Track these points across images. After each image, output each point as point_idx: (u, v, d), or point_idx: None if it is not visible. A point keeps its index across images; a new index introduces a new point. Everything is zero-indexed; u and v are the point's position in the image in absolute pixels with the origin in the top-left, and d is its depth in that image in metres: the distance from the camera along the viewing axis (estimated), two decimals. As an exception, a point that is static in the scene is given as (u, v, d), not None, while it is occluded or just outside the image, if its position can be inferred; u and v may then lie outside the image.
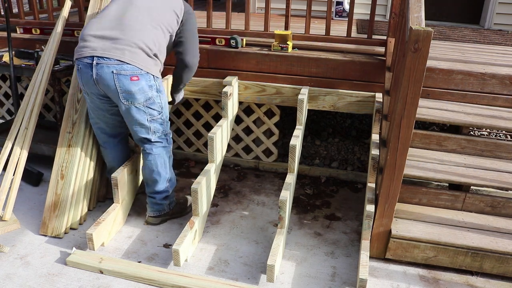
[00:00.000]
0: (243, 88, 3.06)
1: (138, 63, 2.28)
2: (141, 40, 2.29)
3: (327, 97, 2.96)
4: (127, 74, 2.27)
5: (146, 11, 2.36)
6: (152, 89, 2.37)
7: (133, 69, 2.27)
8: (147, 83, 2.34)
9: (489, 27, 4.86)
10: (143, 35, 2.30)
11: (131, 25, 2.30)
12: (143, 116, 2.41)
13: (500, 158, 2.64)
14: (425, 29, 1.89)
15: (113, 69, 2.25)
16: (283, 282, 2.28)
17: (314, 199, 3.09)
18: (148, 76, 2.33)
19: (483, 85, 2.74)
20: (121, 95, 2.31)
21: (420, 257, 2.36)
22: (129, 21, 2.31)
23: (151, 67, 2.34)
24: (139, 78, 2.30)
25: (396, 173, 2.18)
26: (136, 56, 2.27)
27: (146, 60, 2.31)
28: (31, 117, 2.80)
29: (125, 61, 2.25)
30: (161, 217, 2.70)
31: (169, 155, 2.62)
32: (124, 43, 2.26)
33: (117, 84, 2.28)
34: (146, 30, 2.32)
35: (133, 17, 2.33)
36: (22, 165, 2.72)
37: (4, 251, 2.42)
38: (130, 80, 2.28)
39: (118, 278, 2.26)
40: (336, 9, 4.79)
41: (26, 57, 3.16)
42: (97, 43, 2.27)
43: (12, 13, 3.81)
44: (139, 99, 2.34)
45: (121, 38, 2.27)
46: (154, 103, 2.42)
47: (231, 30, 3.15)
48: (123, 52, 2.25)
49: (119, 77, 2.26)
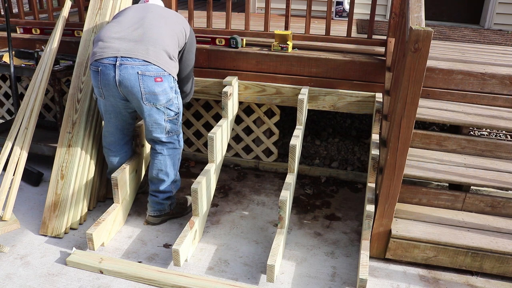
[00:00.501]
0: (243, 88, 3.06)
1: (162, 64, 2.30)
2: (163, 41, 2.32)
3: (327, 97, 2.96)
4: (152, 75, 2.28)
5: (163, 19, 2.41)
6: (172, 90, 2.41)
7: (157, 70, 2.28)
8: (169, 84, 2.37)
9: (489, 27, 4.86)
10: (163, 38, 2.34)
11: (152, 28, 2.34)
12: (162, 116, 2.43)
13: (500, 158, 2.64)
14: (425, 29, 1.89)
15: (138, 70, 2.25)
16: (283, 282, 2.28)
17: (314, 199, 3.09)
18: (170, 77, 2.37)
19: (483, 85, 2.74)
20: (144, 96, 2.31)
21: (420, 257, 2.36)
22: (149, 24, 2.35)
23: (172, 69, 2.38)
24: (162, 79, 2.31)
25: (396, 173, 2.18)
26: (160, 57, 2.30)
27: (168, 61, 2.34)
28: (31, 117, 2.80)
29: (150, 61, 2.26)
30: (162, 217, 2.70)
31: (179, 158, 2.64)
32: (147, 43, 2.28)
33: (142, 85, 2.28)
34: (165, 33, 2.35)
35: (153, 22, 2.37)
36: (22, 165, 2.72)
37: (4, 251, 2.42)
38: (154, 81, 2.29)
39: (118, 278, 2.26)
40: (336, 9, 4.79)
41: (26, 57, 3.17)
42: (119, 44, 2.27)
43: (12, 13, 3.81)
44: (162, 100, 2.36)
45: (144, 39, 2.29)
46: (173, 104, 2.45)
47: (231, 30, 3.15)
48: (147, 52, 2.26)
49: (144, 78, 2.26)
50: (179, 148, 2.62)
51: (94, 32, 2.80)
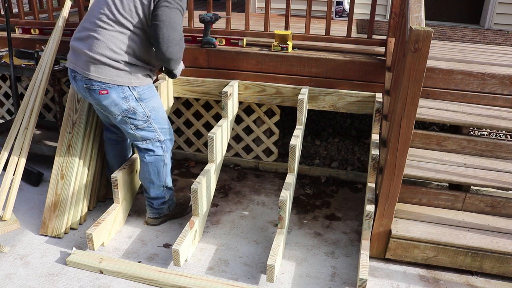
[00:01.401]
0: (243, 88, 3.06)
1: (103, 78, 2.20)
2: (102, 54, 2.17)
3: (327, 97, 2.96)
4: (96, 88, 2.22)
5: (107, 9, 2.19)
6: (128, 100, 2.27)
7: (99, 84, 2.21)
8: (119, 95, 2.24)
9: (489, 27, 4.86)
10: (104, 47, 2.17)
11: (94, 36, 2.19)
12: (126, 125, 2.37)
13: (500, 158, 2.64)
14: (425, 29, 1.89)
15: (83, 84, 2.24)
16: (283, 282, 2.28)
17: (314, 199, 3.09)
18: (119, 88, 2.23)
19: (483, 85, 2.74)
20: (97, 106, 2.32)
21: (420, 257, 2.36)
22: (94, 31, 2.19)
23: (122, 78, 2.23)
24: (108, 91, 2.22)
25: (396, 173, 2.18)
26: (100, 71, 2.19)
27: (114, 72, 2.21)
28: (31, 117, 2.80)
29: (91, 77, 2.20)
30: (161, 218, 2.71)
31: (164, 164, 2.54)
32: (87, 58, 2.19)
33: (90, 97, 2.28)
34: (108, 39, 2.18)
35: (97, 25, 2.19)
36: (22, 165, 2.72)
37: (4, 251, 2.42)
38: (99, 94, 2.23)
39: (118, 278, 2.26)
40: (336, 9, 4.79)
41: (26, 57, 3.16)
42: (72, 54, 2.28)
43: (12, 13, 3.80)
44: (114, 111, 2.29)
45: (83, 53, 2.20)
46: (135, 113, 2.33)
47: (231, 30, 3.16)
48: (88, 68, 2.19)
49: (90, 92, 2.24)
50: (163, 155, 2.52)
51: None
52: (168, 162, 2.58)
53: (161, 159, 2.52)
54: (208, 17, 2.97)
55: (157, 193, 2.61)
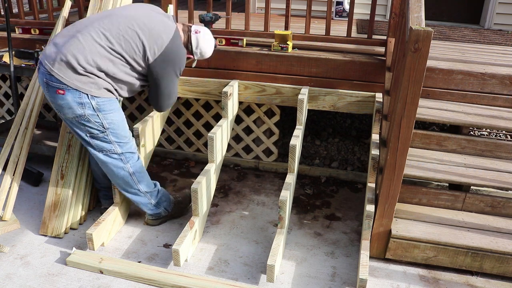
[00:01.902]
0: (243, 88, 3.06)
1: (63, 78, 2.15)
2: (73, 55, 2.14)
3: (327, 97, 2.96)
4: (54, 86, 2.18)
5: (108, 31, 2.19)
6: (84, 107, 2.21)
7: (58, 82, 2.16)
8: (75, 99, 2.18)
9: (489, 27, 4.86)
10: (79, 51, 2.15)
11: (77, 37, 2.17)
12: (80, 130, 2.30)
13: (500, 158, 2.64)
14: (425, 29, 1.89)
15: (44, 78, 2.20)
16: (283, 282, 2.28)
17: (314, 199, 3.09)
18: (76, 93, 2.17)
19: (483, 85, 2.74)
20: (52, 104, 2.26)
21: (420, 257, 2.36)
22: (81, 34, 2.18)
23: (83, 85, 2.18)
24: (65, 92, 2.17)
25: (396, 173, 2.18)
26: (62, 70, 2.15)
27: (75, 76, 2.16)
28: (31, 117, 2.80)
29: (52, 74, 2.16)
30: (160, 219, 2.70)
31: (130, 173, 2.44)
32: (57, 54, 2.17)
33: (47, 93, 2.24)
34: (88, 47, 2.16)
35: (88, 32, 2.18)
36: (22, 165, 2.72)
37: (4, 251, 2.42)
38: (56, 92, 2.18)
39: (118, 278, 2.26)
40: (336, 9, 4.79)
41: (26, 57, 3.17)
42: (49, 48, 2.23)
43: (12, 13, 3.81)
44: (67, 113, 2.23)
45: (59, 48, 2.18)
46: (90, 121, 2.25)
47: (231, 30, 3.16)
48: (53, 63, 2.16)
49: (48, 87, 2.20)
50: (123, 167, 2.41)
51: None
52: (135, 170, 2.46)
53: (124, 170, 2.42)
54: (208, 17, 2.97)
55: (140, 201, 2.56)
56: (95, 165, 2.63)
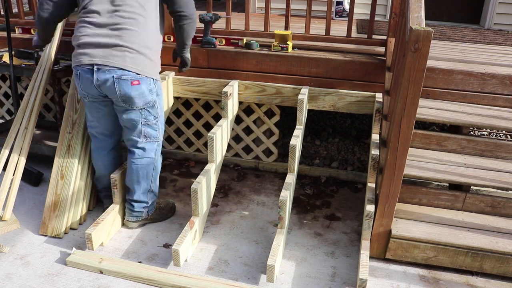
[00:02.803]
0: (243, 88, 3.06)
1: (139, 69, 2.27)
2: (141, 44, 2.26)
3: (327, 97, 2.96)
4: (128, 79, 2.26)
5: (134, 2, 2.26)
6: (152, 93, 2.37)
7: (134, 74, 2.26)
8: (147, 87, 2.33)
9: (489, 27, 4.86)
10: (141, 38, 2.26)
11: (126, 26, 2.24)
12: (138, 118, 2.40)
13: (500, 158, 2.64)
14: (425, 29, 1.89)
15: (114, 74, 2.24)
16: (283, 282, 2.28)
17: (314, 199, 3.09)
18: (148, 80, 2.33)
19: (483, 85, 2.74)
20: (120, 98, 2.30)
21: (420, 257, 2.36)
22: (123, 21, 2.24)
23: (151, 70, 2.33)
24: (140, 82, 2.29)
25: (396, 173, 2.18)
26: (137, 61, 2.26)
27: (147, 64, 2.30)
28: (31, 117, 2.80)
29: (126, 68, 2.23)
30: (139, 222, 2.66)
31: (153, 167, 2.55)
32: (123, 49, 2.23)
33: (117, 88, 2.27)
34: (143, 29, 2.27)
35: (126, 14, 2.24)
36: (22, 165, 2.72)
37: (4, 251, 2.42)
38: (131, 84, 2.27)
39: (118, 278, 2.26)
40: (336, 9, 4.79)
41: (26, 57, 3.16)
42: (95, 50, 2.24)
43: (12, 13, 3.80)
44: (138, 103, 2.34)
45: (119, 44, 2.23)
46: (153, 107, 2.42)
47: (231, 30, 3.15)
48: (124, 59, 2.23)
49: (120, 82, 2.25)
50: (154, 158, 2.53)
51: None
52: (157, 166, 2.58)
53: (152, 162, 2.53)
54: (208, 17, 2.97)
55: (141, 197, 2.57)
56: (99, 165, 2.64)
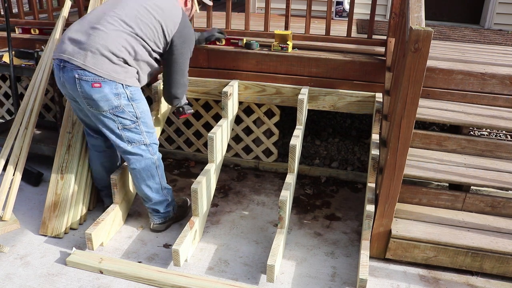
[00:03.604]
0: (243, 88, 3.06)
1: (99, 71, 2.16)
2: (104, 46, 2.16)
3: (327, 97, 2.96)
4: (89, 80, 2.16)
5: (125, 17, 2.23)
6: (120, 98, 2.23)
7: (94, 75, 2.16)
8: (112, 91, 2.20)
9: (489, 27, 4.86)
10: (108, 40, 2.17)
11: (99, 29, 2.18)
12: (112, 123, 2.30)
13: (500, 158, 2.64)
14: (425, 29, 1.89)
15: (75, 74, 2.16)
16: (283, 282, 2.28)
17: (314, 199, 3.09)
18: (113, 83, 2.19)
19: (483, 85, 2.74)
20: (84, 100, 2.22)
21: (420, 257, 2.36)
22: (101, 25, 2.19)
23: (118, 75, 2.21)
24: (101, 85, 2.17)
25: (396, 173, 2.18)
26: (98, 63, 2.15)
27: (111, 68, 2.18)
28: (31, 117, 2.80)
29: (86, 68, 2.14)
30: (167, 222, 2.66)
31: (156, 165, 2.49)
32: (86, 48, 2.15)
33: (79, 89, 2.18)
34: (114, 35, 2.19)
35: (106, 21, 2.21)
36: (22, 165, 2.72)
37: (4, 251, 2.42)
38: (91, 86, 2.17)
39: (118, 278, 2.26)
40: (336, 9, 4.79)
41: (26, 57, 3.17)
42: (67, 45, 2.20)
43: (12, 13, 3.81)
44: (103, 107, 2.22)
45: (85, 42, 2.17)
46: (124, 112, 2.27)
47: (231, 30, 3.15)
48: (85, 57, 2.15)
49: (81, 82, 2.16)
50: (152, 157, 2.45)
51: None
52: (160, 163, 2.52)
53: (152, 161, 2.46)
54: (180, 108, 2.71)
55: (158, 198, 2.55)
56: (97, 164, 2.63)
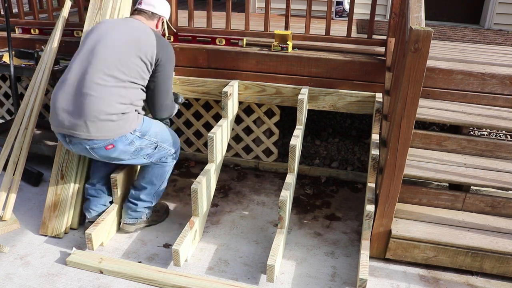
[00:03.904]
0: (243, 88, 3.06)
1: (106, 135, 2.18)
2: (100, 111, 2.14)
3: (327, 97, 2.96)
4: (101, 146, 2.21)
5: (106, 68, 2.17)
6: (134, 143, 2.29)
7: (104, 141, 2.20)
8: (125, 143, 2.25)
9: (489, 27, 4.86)
10: (101, 105, 2.14)
11: (88, 94, 2.14)
12: (137, 160, 2.39)
13: (500, 158, 2.64)
14: (425, 29, 1.89)
15: (85, 145, 2.21)
16: (283, 282, 2.28)
17: (314, 199, 3.09)
18: (123, 137, 2.23)
19: (483, 85, 2.74)
20: (103, 159, 2.32)
21: (420, 257, 2.36)
22: (87, 89, 2.14)
23: (123, 128, 2.22)
24: (114, 145, 2.23)
25: (396, 173, 2.18)
26: (101, 129, 2.16)
27: (115, 126, 2.19)
28: (31, 117, 2.80)
29: (93, 138, 2.17)
30: (137, 225, 2.62)
31: (168, 170, 2.56)
32: (83, 119, 2.14)
33: (96, 155, 2.26)
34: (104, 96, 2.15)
35: (92, 82, 2.15)
36: (22, 165, 2.72)
37: (4, 251, 2.42)
38: (105, 149, 2.23)
39: (118, 278, 2.26)
40: (336, 9, 4.79)
41: (26, 57, 3.16)
42: (62, 118, 2.18)
43: (12, 13, 3.80)
44: (123, 158, 2.31)
45: (79, 113, 2.14)
46: (143, 148, 2.34)
47: (231, 30, 3.15)
48: (87, 129, 2.15)
49: (94, 150, 2.23)
50: (171, 162, 2.56)
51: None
52: (171, 169, 2.60)
53: (169, 165, 2.56)
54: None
55: (147, 197, 2.56)
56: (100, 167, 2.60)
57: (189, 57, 3.07)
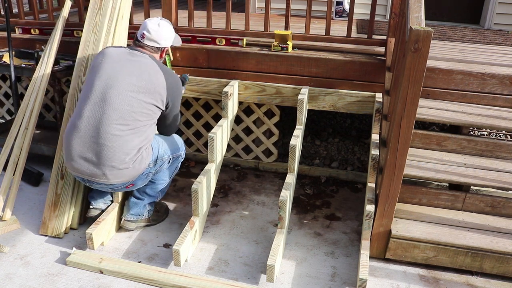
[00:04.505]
0: (243, 88, 3.06)
1: (126, 179, 2.29)
2: (118, 160, 2.20)
3: (327, 97, 2.96)
4: (122, 187, 2.35)
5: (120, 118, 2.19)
6: (151, 173, 2.42)
7: (124, 183, 2.31)
8: (143, 178, 2.39)
9: (489, 27, 4.86)
10: (118, 154, 2.19)
11: (106, 145, 2.17)
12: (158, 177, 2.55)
13: (500, 158, 2.64)
14: (425, 29, 1.89)
15: (107, 188, 2.35)
16: (283, 282, 2.28)
17: (314, 199, 3.09)
18: (141, 175, 2.36)
19: (483, 85, 2.74)
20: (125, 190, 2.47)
21: (420, 257, 2.36)
22: (104, 139, 2.17)
23: (139, 170, 2.30)
24: (134, 184, 2.38)
25: (396, 173, 2.18)
26: (121, 175, 2.25)
27: (133, 171, 2.28)
28: (31, 117, 2.80)
29: (114, 183, 2.27)
30: (138, 222, 2.62)
31: (177, 166, 2.65)
32: (102, 168, 2.21)
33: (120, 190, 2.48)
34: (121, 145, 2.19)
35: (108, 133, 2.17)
36: (22, 165, 2.72)
37: (4, 251, 2.42)
38: (126, 188, 2.38)
39: (118, 278, 2.26)
40: (336, 9, 4.79)
41: (26, 57, 3.17)
42: (80, 165, 2.23)
43: (12, 13, 3.80)
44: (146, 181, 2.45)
45: (98, 163, 2.20)
46: (160, 170, 2.50)
47: (231, 30, 3.15)
48: (106, 176, 2.23)
49: (115, 190, 2.41)
50: (179, 160, 2.65)
51: (94, 33, 2.79)
52: (179, 165, 2.69)
53: (178, 161, 2.65)
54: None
55: (153, 193, 2.59)
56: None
57: (189, 57, 3.07)
